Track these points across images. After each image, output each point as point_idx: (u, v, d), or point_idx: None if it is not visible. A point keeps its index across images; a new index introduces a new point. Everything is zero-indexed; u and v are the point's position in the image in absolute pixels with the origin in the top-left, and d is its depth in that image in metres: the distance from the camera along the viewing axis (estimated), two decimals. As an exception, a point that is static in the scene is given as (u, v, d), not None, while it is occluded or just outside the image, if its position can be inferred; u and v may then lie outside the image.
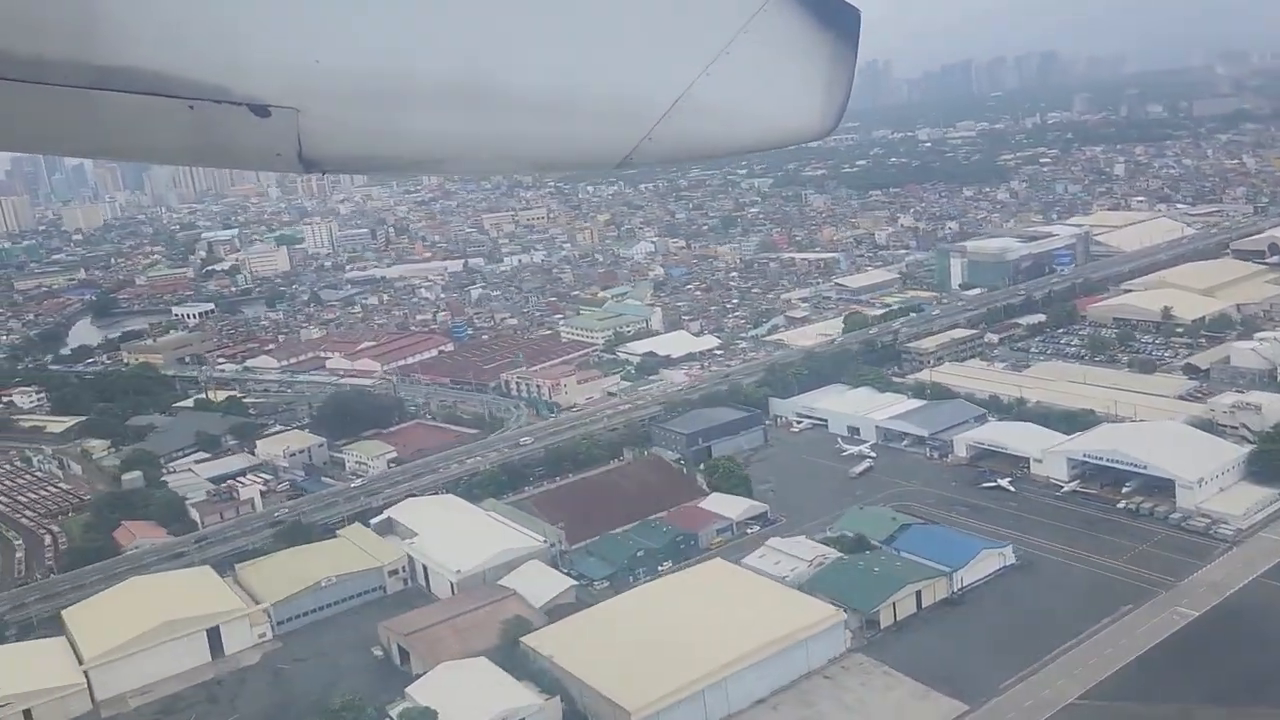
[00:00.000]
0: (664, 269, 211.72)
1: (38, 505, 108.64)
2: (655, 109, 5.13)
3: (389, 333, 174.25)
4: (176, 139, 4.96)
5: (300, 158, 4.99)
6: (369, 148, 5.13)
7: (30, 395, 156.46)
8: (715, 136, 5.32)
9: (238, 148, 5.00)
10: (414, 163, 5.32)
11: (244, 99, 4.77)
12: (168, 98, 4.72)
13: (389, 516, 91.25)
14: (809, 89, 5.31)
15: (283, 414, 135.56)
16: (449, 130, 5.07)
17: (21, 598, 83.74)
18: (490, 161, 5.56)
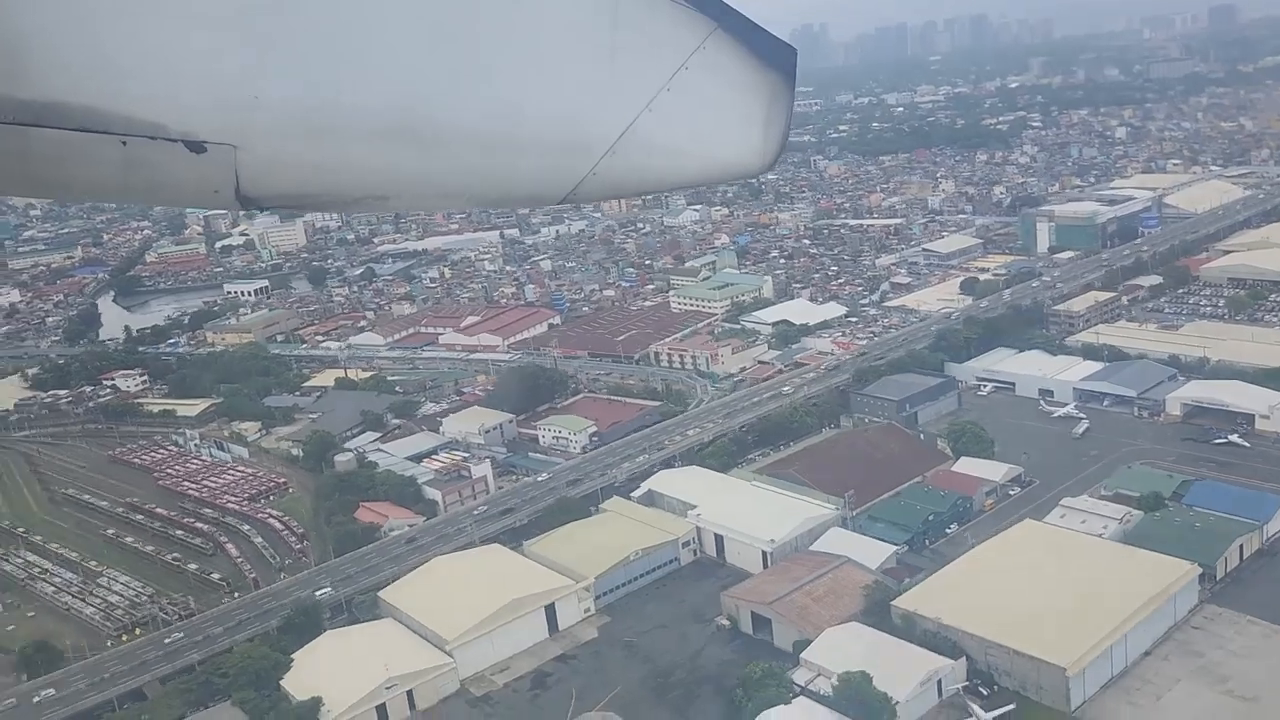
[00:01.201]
0: (728, 237, 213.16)
1: (235, 490, 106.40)
2: (599, 145, 5.31)
3: (487, 306, 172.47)
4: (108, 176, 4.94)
5: (238, 195, 5.00)
6: (308, 184, 5.18)
7: (134, 378, 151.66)
8: (658, 171, 5.56)
9: (173, 185, 5.02)
10: (355, 199, 5.42)
11: (179, 135, 4.80)
12: (99, 134, 4.74)
13: (650, 489, 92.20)
14: (749, 125, 5.54)
15: (430, 391, 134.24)
16: (390, 166, 5.12)
17: (311, 582, 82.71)
18: (432, 198, 5.69)
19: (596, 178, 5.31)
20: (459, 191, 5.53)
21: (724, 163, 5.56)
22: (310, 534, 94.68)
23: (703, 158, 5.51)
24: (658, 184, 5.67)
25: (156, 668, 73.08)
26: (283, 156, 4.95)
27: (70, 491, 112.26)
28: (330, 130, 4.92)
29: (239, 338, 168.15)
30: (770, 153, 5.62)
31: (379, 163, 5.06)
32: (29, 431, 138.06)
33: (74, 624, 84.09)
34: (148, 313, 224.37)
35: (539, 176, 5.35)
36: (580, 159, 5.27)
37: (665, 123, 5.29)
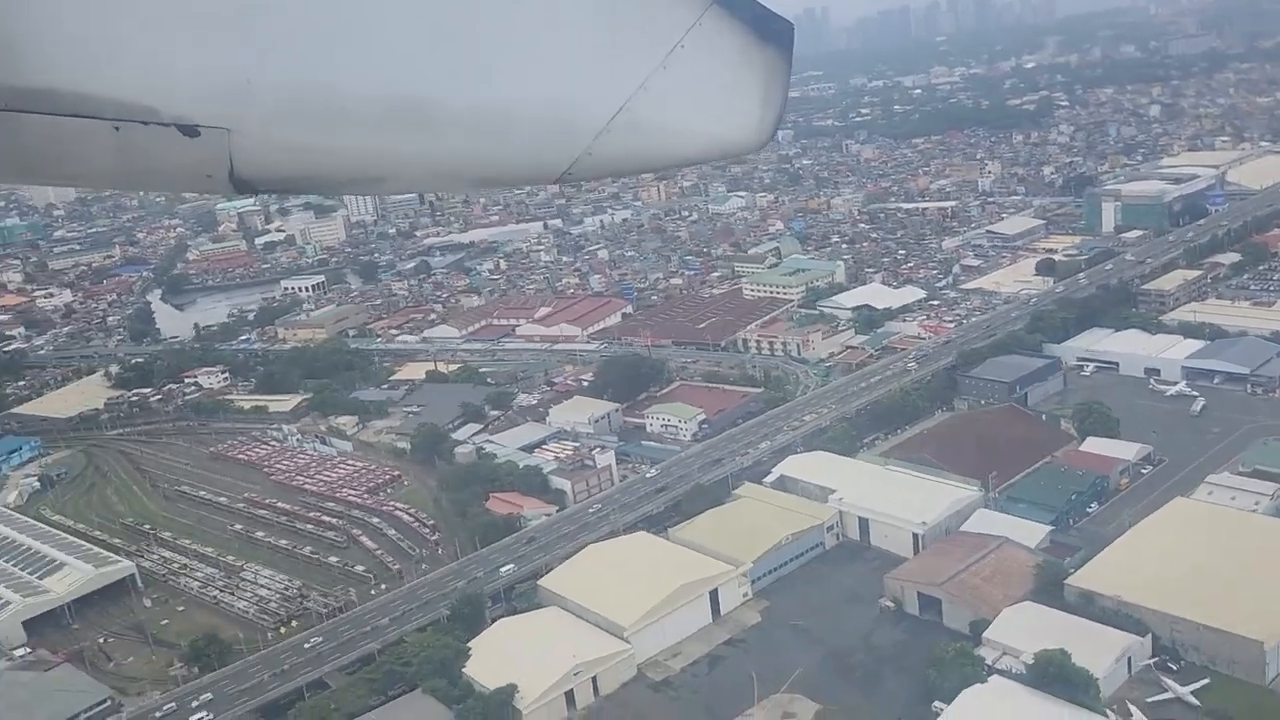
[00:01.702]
0: (782, 223, 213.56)
1: (353, 483, 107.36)
2: (593, 124, 5.27)
3: (556, 297, 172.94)
4: (102, 162, 4.94)
5: (231, 178, 5.00)
6: (302, 167, 5.16)
7: (216, 375, 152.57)
8: (654, 150, 5.52)
9: (166, 169, 5.02)
10: (349, 181, 5.43)
11: (172, 119, 4.78)
12: (92, 119, 4.73)
13: (782, 475, 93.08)
14: (746, 101, 5.50)
15: (522, 382, 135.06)
16: (384, 148, 5.12)
17: (463, 572, 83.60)
18: (426, 179, 5.63)
19: (592, 157, 5.33)
20: (453, 172, 5.56)
21: (721, 140, 5.58)
22: (440, 525, 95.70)
23: (699, 135, 5.53)
24: (654, 162, 5.69)
25: (333, 658, 74.14)
26: (277, 139, 4.98)
27: (184, 488, 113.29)
28: (324, 112, 4.96)
29: (312, 333, 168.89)
30: (767, 129, 5.64)
31: (373, 145, 5.11)
32: (121, 430, 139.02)
33: (227, 618, 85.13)
34: (198, 310, 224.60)
35: (533, 156, 5.39)
36: (575, 138, 5.30)
37: (661, 101, 5.31)
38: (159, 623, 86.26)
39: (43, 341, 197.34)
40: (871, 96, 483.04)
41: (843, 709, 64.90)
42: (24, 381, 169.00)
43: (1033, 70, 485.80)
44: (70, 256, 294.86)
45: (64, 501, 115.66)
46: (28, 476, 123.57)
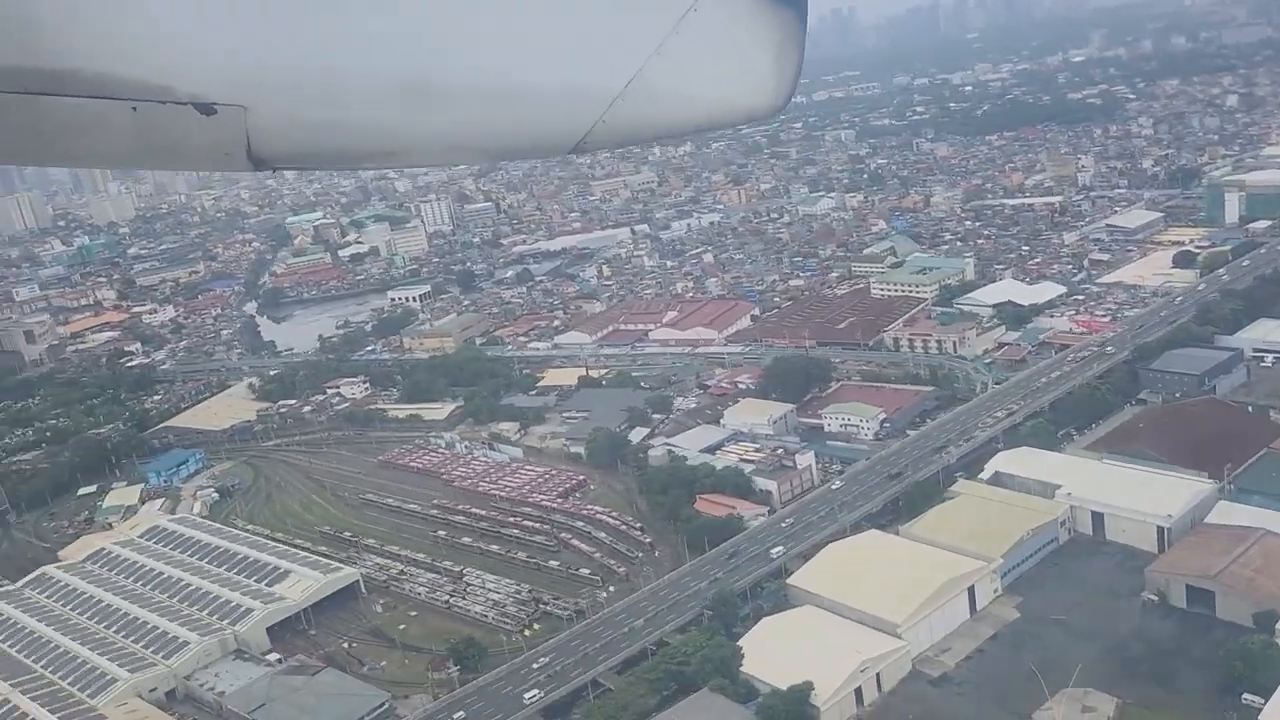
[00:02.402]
0: (885, 223, 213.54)
1: (541, 488, 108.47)
2: (608, 93, 5.24)
3: (681, 301, 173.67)
4: (120, 142, 4.97)
5: (249, 155, 5.05)
6: (318, 143, 5.19)
7: (358, 385, 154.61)
8: (669, 117, 5.47)
9: (184, 148, 5.03)
10: (365, 156, 5.44)
11: (189, 98, 4.81)
12: (110, 100, 4.74)
13: (997, 471, 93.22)
14: (761, 65, 5.45)
15: (675, 385, 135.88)
16: (399, 122, 5.13)
17: (702, 574, 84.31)
18: (442, 152, 5.64)
19: (606, 126, 5.29)
20: (467, 144, 5.52)
21: (736, 105, 5.54)
22: (647, 528, 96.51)
23: (714, 101, 5.48)
24: (670, 129, 5.62)
25: (602, 660, 75.02)
26: (292, 116, 5.00)
27: (369, 496, 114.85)
28: (338, 88, 4.97)
29: (440, 342, 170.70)
30: (783, 93, 5.57)
31: (387, 119, 5.11)
32: (277, 441, 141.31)
33: (464, 622, 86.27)
34: (297, 323, 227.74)
35: (547, 127, 5.37)
36: (589, 108, 5.25)
37: (675, 67, 5.25)
38: (396, 627, 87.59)
39: (162, 356, 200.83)
40: (921, 95, 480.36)
41: (1140, 702, 64.95)
42: (159, 395, 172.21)
43: (1082, 64, 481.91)
44: (156, 273, 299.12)
45: (248, 512, 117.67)
46: (204, 488, 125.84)
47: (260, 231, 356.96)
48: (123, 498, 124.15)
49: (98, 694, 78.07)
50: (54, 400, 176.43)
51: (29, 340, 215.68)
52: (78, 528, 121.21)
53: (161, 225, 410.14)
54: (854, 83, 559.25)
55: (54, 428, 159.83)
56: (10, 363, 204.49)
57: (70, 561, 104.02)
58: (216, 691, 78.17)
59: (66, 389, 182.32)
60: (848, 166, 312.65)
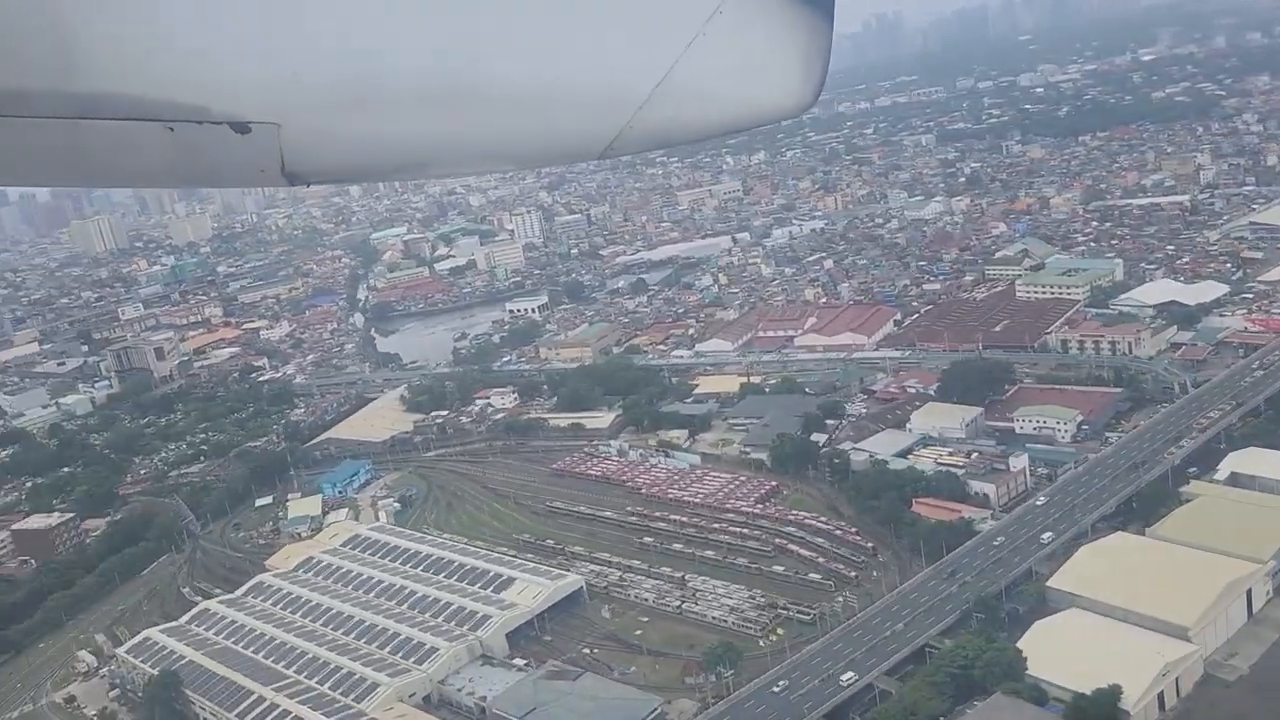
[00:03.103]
0: (1006, 225, 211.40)
1: (735, 494, 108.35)
2: (635, 97, 5.19)
3: (819, 307, 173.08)
4: (159, 162, 5.02)
5: (284, 172, 5.07)
6: (352, 157, 5.18)
7: (507, 395, 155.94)
8: (697, 119, 5.41)
9: (220, 166, 5.09)
10: (397, 168, 5.49)
11: (224, 118, 4.84)
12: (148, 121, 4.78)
13: (1233, 471, 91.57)
14: (787, 65, 5.37)
15: (840, 391, 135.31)
16: (430, 133, 5.11)
17: (945, 576, 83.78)
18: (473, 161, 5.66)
19: (634, 129, 5.22)
20: (498, 152, 5.45)
21: (764, 105, 5.43)
22: (863, 532, 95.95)
23: (742, 102, 5.38)
24: (698, 132, 5.53)
25: (870, 664, 74.65)
26: (326, 131, 4.95)
27: (557, 504, 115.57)
28: (370, 102, 4.91)
29: (578, 352, 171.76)
30: (810, 93, 5.45)
31: (419, 131, 5.03)
32: (438, 451, 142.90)
33: (701, 627, 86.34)
34: (410, 335, 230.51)
35: (577, 133, 5.29)
36: (617, 112, 5.18)
37: (702, 69, 5.16)
38: (633, 633, 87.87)
39: (291, 370, 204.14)
40: (991, 98, 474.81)
41: None
42: (302, 409, 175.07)
43: (1154, 63, 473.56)
44: (255, 290, 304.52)
45: (434, 521, 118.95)
46: (382, 498, 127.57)
47: (344, 248, 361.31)
48: (305, 508, 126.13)
49: (361, 699, 79.19)
50: (197, 415, 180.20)
51: (158, 357, 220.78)
52: (266, 538, 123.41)
53: (241, 244, 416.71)
54: (914, 87, 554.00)
55: (210, 441, 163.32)
56: (143, 379, 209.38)
57: (282, 570, 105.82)
58: (478, 696, 78.92)
59: (206, 404, 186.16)
60: (939, 170, 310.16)
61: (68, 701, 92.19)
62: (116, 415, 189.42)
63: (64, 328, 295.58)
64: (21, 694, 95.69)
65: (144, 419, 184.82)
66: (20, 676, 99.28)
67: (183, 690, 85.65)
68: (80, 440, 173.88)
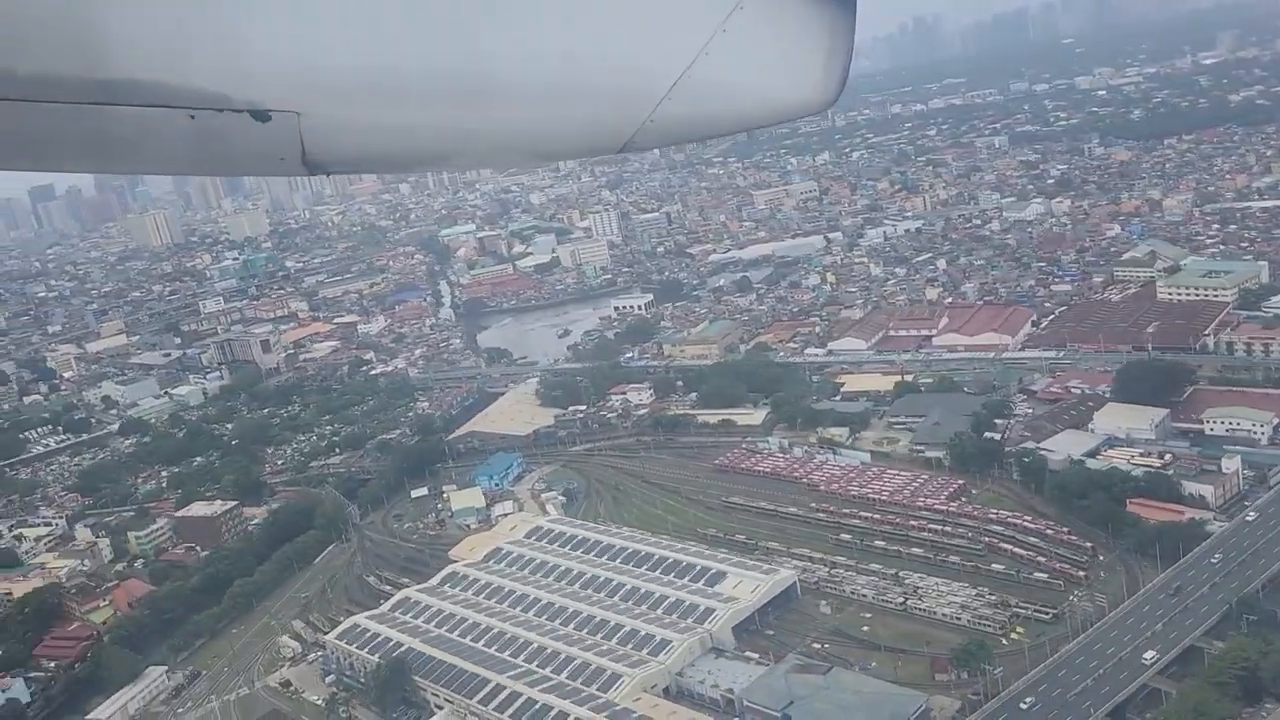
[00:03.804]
0: (1121, 227, 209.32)
1: (923, 493, 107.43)
2: (656, 91, 5.13)
3: (947, 308, 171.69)
4: (179, 149, 5.01)
5: (304, 160, 5.05)
6: (371, 147, 5.17)
7: (643, 392, 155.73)
8: (718, 115, 5.35)
9: (240, 154, 5.08)
10: (417, 159, 5.42)
11: (245, 105, 4.80)
12: (169, 108, 4.76)
13: None
14: (809, 61, 5.29)
15: (1001, 390, 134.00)
16: (450, 125, 5.08)
17: (1188, 578, 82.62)
18: (493, 153, 5.61)
19: (654, 125, 5.19)
20: (517, 146, 5.45)
21: (785, 102, 5.38)
22: (1075, 532, 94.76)
23: (763, 98, 5.34)
24: (718, 127, 5.50)
25: (1141, 663, 73.66)
26: (346, 121, 4.97)
27: (735, 500, 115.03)
28: (390, 92, 4.90)
29: (704, 349, 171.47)
30: (832, 89, 5.40)
31: (439, 122, 5.05)
32: (583, 445, 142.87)
33: (929, 623, 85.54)
34: (507, 331, 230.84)
35: (596, 127, 5.28)
36: (637, 107, 5.16)
37: (722, 64, 5.13)
38: (859, 628, 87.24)
39: (401, 363, 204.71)
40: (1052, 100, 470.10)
41: None
42: (427, 402, 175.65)
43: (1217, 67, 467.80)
44: (336, 285, 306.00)
45: (607, 515, 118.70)
46: (545, 491, 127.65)
47: (412, 244, 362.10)
48: (467, 500, 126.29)
49: (606, 689, 78.96)
50: (317, 407, 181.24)
51: (264, 350, 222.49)
52: (433, 529, 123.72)
53: (301, 239, 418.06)
54: (965, 89, 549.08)
55: (341, 433, 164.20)
56: (251, 372, 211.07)
57: (472, 561, 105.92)
58: (723, 689, 78.47)
59: (323, 396, 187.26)
60: (1022, 172, 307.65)
61: (283, 685, 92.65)
62: (233, 407, 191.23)
63: (145, 320, 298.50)
64: (231, 678, 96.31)
65: (262, 410, 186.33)
66: (223, 661, 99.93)
67: (411, 676, 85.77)
68: (207, 430, 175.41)
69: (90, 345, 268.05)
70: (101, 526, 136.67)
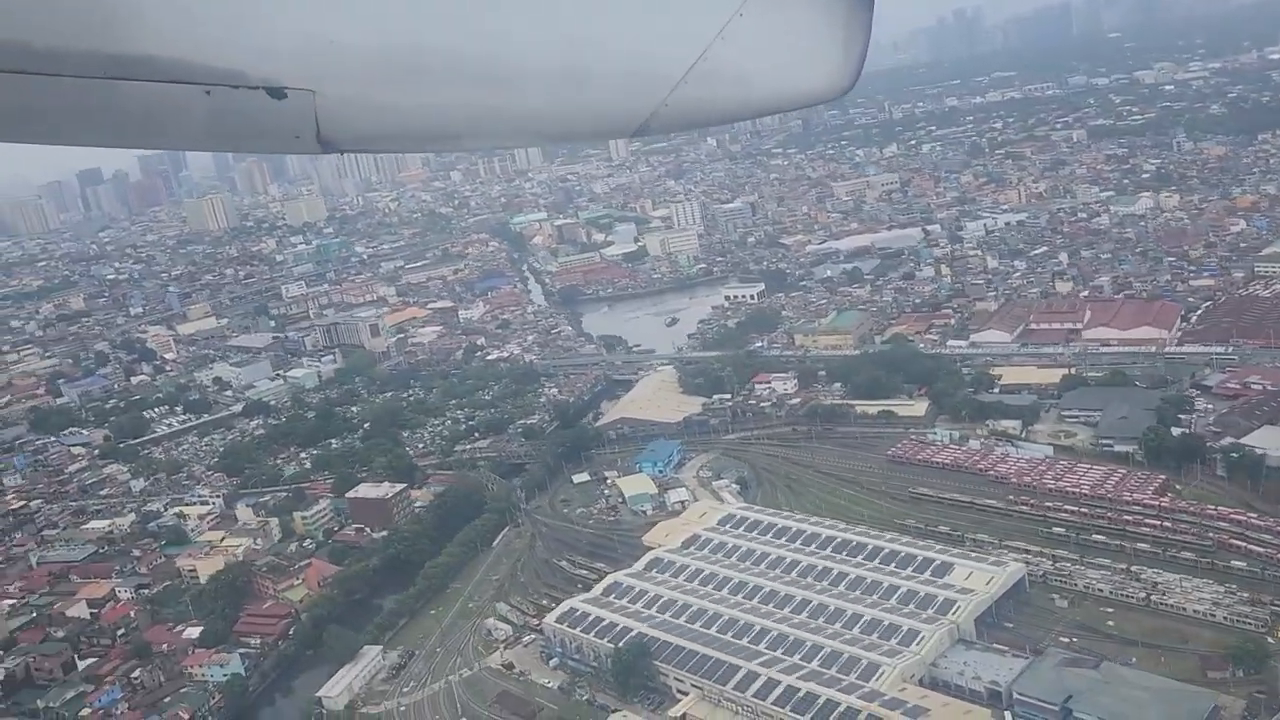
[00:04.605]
0: (1246, 222, 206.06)
1: (1125, 488, 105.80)
2: (670, 75, 5.09)
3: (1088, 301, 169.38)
4: (194, 125, 4.94)
5: (318, 139, 4.98)
6: (386, 126, 5.13)
7: (788, 381, 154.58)
8: (732, 100, 5.29)
9: (255, 131, 5.04)
10: (431, 139, 5.41)
11: (260, 82, 4.79)
12: (185, 84, 4.72)
13: None
14: (826, 47, 5.20)
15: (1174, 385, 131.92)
16: (465, 105, 5.05)
17: None
18: (506, 135, 5.61)
19: (669, 109, 5.16)
20: (531, 127, 5.44)
21: (801, 88, 5.33)
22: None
23: (779, 84, 5.29)
24: (732, 113, 5.45)
25: None
26: (360, 100, 4.95)
27: (923, 490, 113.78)
28: (406, 72, 4.89)
29: (838, 339, 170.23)
30: (849, 75, 5.34)
31: (454, 102, 5.03)
32: (738, 434, 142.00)
33: (1179, 619, 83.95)
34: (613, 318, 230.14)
35: (611, 110, 5.23)
36: (652, 91, 5.13)
37: (739, 49, 5.09)
38: (1103, 623, 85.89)
39: (515, 350, 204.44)
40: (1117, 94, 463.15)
41: None
42: (555, 388, 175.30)
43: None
44: (418, 270, 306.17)
45: (787, 504, 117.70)
46: (714, 480, 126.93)
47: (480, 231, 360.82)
48: (638, 486, 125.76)
49: (867, 679, 78.10)
50: (440, 391, 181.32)
51: (373, 334, 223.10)
52: (607, 514, 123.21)
53: (363, 225, 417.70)
54: (1015, 83, 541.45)
55: (475, 417, 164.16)
56: (364, 356, 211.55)
57: (671, 547, 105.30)
58: (986, 681, 77.42)
59: (444, 381, 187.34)
60: (1112, 166, 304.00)
61: (507, 668, 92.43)
62: (353, 390, 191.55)
63: (226, 303, 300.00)
64: (446, 659, 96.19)
65: (383, 393, 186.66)
66: (431, 641, 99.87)
67: (651, 660, 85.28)
68: (335, 413, 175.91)
69: (181, 327, 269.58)
70: (260, 506, 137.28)
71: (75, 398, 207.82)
